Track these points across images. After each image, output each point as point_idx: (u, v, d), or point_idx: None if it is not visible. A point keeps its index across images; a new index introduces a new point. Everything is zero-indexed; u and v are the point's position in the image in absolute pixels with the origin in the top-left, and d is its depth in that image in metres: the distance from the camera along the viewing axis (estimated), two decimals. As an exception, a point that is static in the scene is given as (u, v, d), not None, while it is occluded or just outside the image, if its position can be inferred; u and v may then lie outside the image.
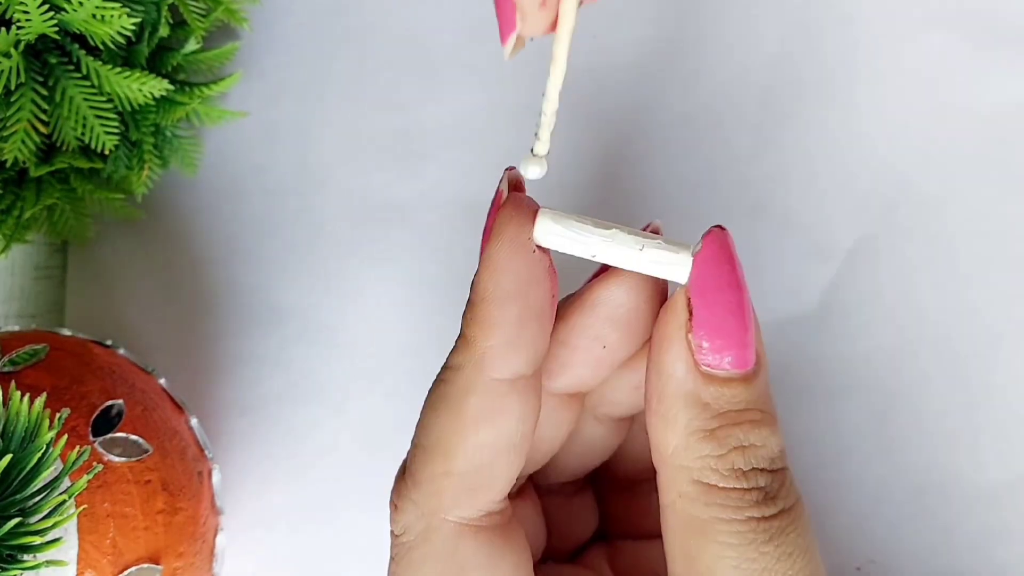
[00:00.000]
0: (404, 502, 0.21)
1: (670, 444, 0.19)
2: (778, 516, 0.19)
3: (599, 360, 0.22)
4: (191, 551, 0.26)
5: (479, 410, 0.20)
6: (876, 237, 0.31)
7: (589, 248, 0.20)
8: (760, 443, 0.19)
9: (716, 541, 0.19)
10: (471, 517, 0.20)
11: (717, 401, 0.19)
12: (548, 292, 0.20)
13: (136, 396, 0.27)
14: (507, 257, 0.20)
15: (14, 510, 0.21)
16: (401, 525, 0.21)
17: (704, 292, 0.19)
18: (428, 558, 0.20)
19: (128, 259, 0.34)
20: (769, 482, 0.19)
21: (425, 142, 0.33)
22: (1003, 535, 0.29)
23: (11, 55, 0.27)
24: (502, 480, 0.20)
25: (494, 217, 0.20)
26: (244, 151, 0.34)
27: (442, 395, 0.20)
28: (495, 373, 0.20)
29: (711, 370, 0.19)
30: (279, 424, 0.32)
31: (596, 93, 0.32)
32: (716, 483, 0.19)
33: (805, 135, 0.31)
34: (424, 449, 0.20)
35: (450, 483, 0.20)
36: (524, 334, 0.20)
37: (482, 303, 0.20)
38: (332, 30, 0.34)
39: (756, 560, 0.19)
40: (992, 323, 0.30)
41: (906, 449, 0.30)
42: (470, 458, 0.20)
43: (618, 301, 0.21)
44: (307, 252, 0.33)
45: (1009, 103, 0.30)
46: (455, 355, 0.20)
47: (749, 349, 0.19)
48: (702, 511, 0.19)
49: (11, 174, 0.30)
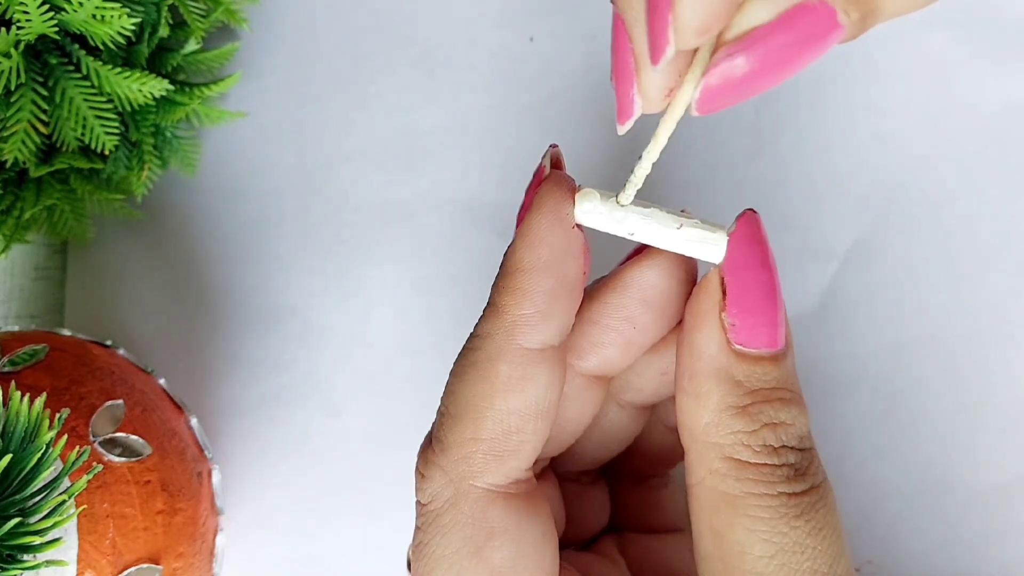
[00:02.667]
0: (431, 469, 0.21)
1: (701, 421, 0.20)
2: (808, 492, 0.19)
3: (629, 341, 0.22)
4: (191, 551, 0.26)
5: (508, 377, 0.20)
6: (875, 237, 0.31)
7: (627, 226, 0.20)
8: (790, 421, 0.20)
9: (747, 515, 0.19)
10: (499, 483, 0.21)
11: (749, 379, 0.20)
12: (581, 268, 0.21)
13: (136, 396, 0.27)
14: (546, 229, 0.20)
15: (14, 510, 0.21)
16: (428, 493, 0.21)
17: (738, 271, 0.20)
18: (456, 524, 0.20)
19: (128, 259, 0.34)
20: (799, 459, 0.19)
21: (425, 142, 0.33)
22: (1002, 535, 0.29)
23: (11, 55, 0.27)
24: (529, 447, 0.21)
25: (534, 192, 0.21)
26: (244, 151, 0.34)
27: (471, 362, 0.21)
28: (525, 342, 0.20)
29: (743, 348, 0.20)
30: (279, 424, 0.32)
31: (595, 94, 0.32)
32: (748, 459, 0.19)
33: (804, 136, 0.31)
34: (452, 416, 0.21)
35: (478, 449, 0.20)
36: (556, 306, 0.20)
37: (517, 273, 0.20)
38: (332, 30, 0.34)
39: (787, 534, 0.19)
40: (991, 323, 0.30)
41: (905, 449, 0.30)
42: (498, 423, 0.20)
43: (651, 283, 0.22)
44: (307, 252, 0.33)
45: (1009, 103, 0.30)
46: (484, 323, 0.21)
47: (780, 329, 0.20)
48: (733, 487, 0.19)
49: (11, 174, 0.30)
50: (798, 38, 0.16)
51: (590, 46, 0.32)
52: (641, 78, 0.18)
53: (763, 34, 0.16)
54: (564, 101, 0.32)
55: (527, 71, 0.33)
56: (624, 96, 0.19)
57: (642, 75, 0.18)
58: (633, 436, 0.25)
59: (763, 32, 0.16)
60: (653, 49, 0.16)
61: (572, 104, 0.32)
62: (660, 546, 0.25)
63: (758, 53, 0.16)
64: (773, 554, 0.19)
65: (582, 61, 0.32)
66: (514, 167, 0.32)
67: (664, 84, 0.18)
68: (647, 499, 0.26)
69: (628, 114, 0.19)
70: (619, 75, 0.18)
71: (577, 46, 0.32)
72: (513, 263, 0.20)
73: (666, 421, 0.25)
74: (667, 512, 0.26)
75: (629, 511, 0.26)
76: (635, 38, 0.17)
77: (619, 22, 0.18)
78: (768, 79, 0.17)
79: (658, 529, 0.26)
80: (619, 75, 0.18)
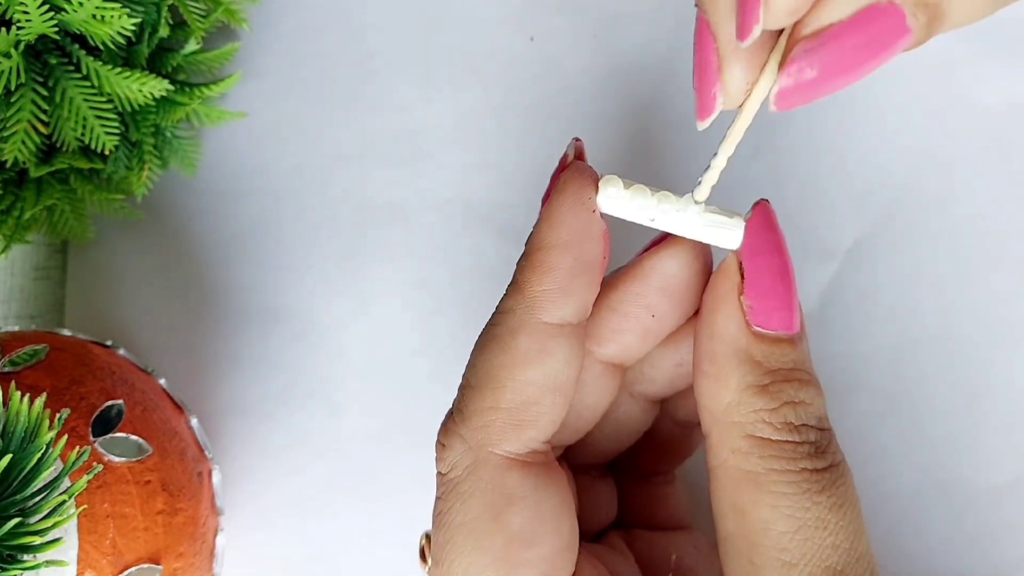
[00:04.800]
0: (452, 438, 0.21)
1: (723, 401, 0.20)
2: (828, 469, 0.20)
3: (647, 329, 0.23)
4: (191, 551, 0.26)
5: (528, 349, 0.21)
6: (875, 237, 0.31)
7: (648, 212, 0.21)
8: (809, 401, 0.20)
9: (770, 491, 0.20)
10: (517, 452, 0.21)
11: (768, 359, 0.20)
12: (600, 251, 0.21)
13: (136, 396, 0.27)
14: (567, 211, 0.21)
15: (14, 510, 0.21)
16: (448, 463, 0.21)
17: (755, 255, 0.21)
18: (476, 490, 0.21)
19: (128, 259, 0.34)
20: (819, 437, 0.20)
21: (425, 142, 0.33)
22: (1003, 535, 0.29)
23: (11, 55, 0.27)
24: (546, 419, 0.21)
25: (557, 178, 0.21)
26: (244, 151, 0.34)
27: (493, 336, 0.21)
28: (545, 316, 0.21)
29: (762, 330, 0.20)
30: (279, 424, 0.32)
31: (595, 94, 0.32)
32: (769, 436, 0.20)
33: (804, 135, 0.31)
34: (472, 387, 0.21)
35: (498, 417, 0.21)
36: (575, 283, 0.21)
37: (538, 251, 0.21)
38: (332, 30, 0.34)
39: (810, 509, 0.19)
40: (992, 323, 0.30)
41: (905, 449, 0.30)
42: (518, 393, 0.21)
43: (670, 271, 0.22)
44: (307, 252, 0.33)
45: (1011, 103, 0.30)
46: (506, 300, 0.21)
47: (795, 312, 0.21)
48: (756, 464, 0.20)
49: (11, 174, 0.30)
50: (869, 39, 0.17)
51: (591, 46, 0.32)
52: (724, 73, 0.19)
53: (835, 33, 0.17)
54: (564, 101, 0.32)
55: (527, 71, 0.33)
56: (706, 93, 0.20)
57: (725, 70, 0.19)
58: (643, 429, 0.26)
59: (835, 31, 0.17)
60: (742, 27, 0.18)
61: (572, 104, 0.32)
62: (665, 542, 0.26)
63: (830, 54, 0.18)
64: (796, 529, 0.19)
65: (582, 61, 0.32)
66: (514, 167, 0.32)
67: (745, 79, 0.19)
68: (653, 496, 0.27)
69: (709, 111, 0.20)
70: (701, 73, 0.20)
71: (577, 46, 0.32)
72: (535, 242, 0.21)
73: (675, 416, 0.26)
74: (673, 509, 0.27)
75: (635, 507, 0.27)
76: (720, 35, 0.19)
77: (702, 23, 0.19)
78: (838, 81, 0.18)
79: (663, 526, 0.26)
80: (701, 73, 0.20)
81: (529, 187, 0.22)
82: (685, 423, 0.26)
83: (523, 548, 0.20)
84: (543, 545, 0.21)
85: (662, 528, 0.26)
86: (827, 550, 0.19)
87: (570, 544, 0.21)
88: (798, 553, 0.19)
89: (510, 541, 0.20)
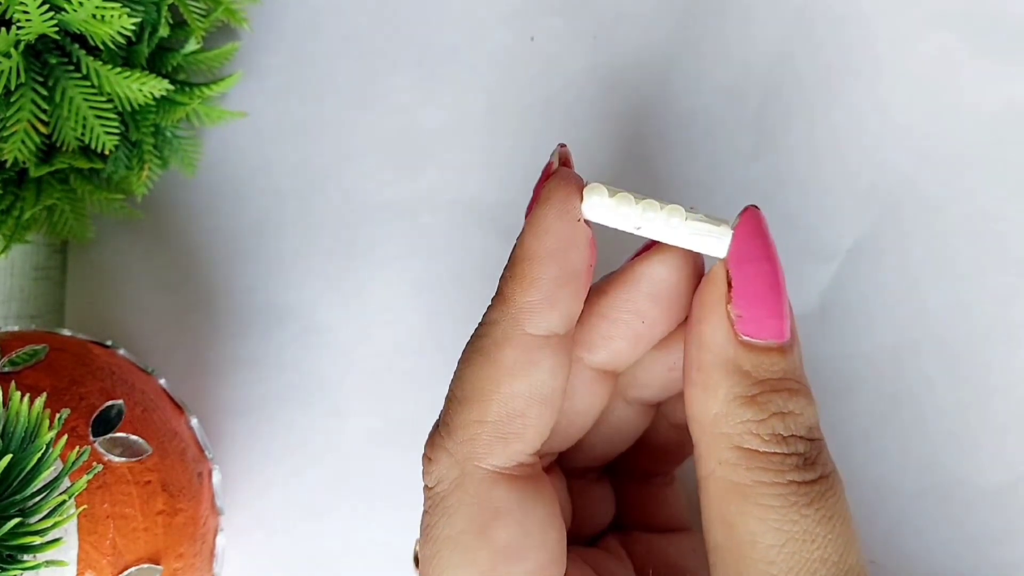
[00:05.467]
0: (438, 452, 0.21)
1: (711, 411, 0.20)
2: (818, 481, 0.20)
3: (638, 335, 0.23)
4: (191, 552, 0.26)
5: (513, 361, 0.20)
6: (876, 237, 0.31)
7: (634, 220, 0.21)
8: (799, 411, 0.20)
9: (758, 504, 0.19)
10: (504, 465, 0.21)
11: (756, 369, 0.20)
12: (586, 259, 0.21)
13: (136, 396, 0.27)
14: (552, 220, 0.21)
15: (14, 510, 0.21)
16: (435, 476, 0.21)
17: (743, 263, 0.20)
18: (462, 504, 0.21)
19: (128, 259, 0.34)
20: (808, 448, 0.20)
21: (425, 142, 0.33)
22: (1004, 535, 0.29)
23: (11, 55, 0.27)
24: (532, 431, 0.21)
25: (542, 186, 0.21)
26: (244, 151, 0.34)
27: (478, 348, 0.21)
28: (530, 328, 0.21)
29: (750, 339, 0.20)
30: (279, 424, 0.32)
31: (597, 94, 0.32)
32: (757, 447, 0.20)
33: (805, 135, 0.31)
34: (458, 400, 0.21)
35: (484, 430, 0.21)
36: (560, 293, 0.21)
37: (523, 262, 0.21)
38: (332, 30, 0.34)
39: (797, 522, 0.19)
40: (992, 323, 0.30)
41: (906, 449, 0.30)
42: (504, 406, 0.21)
43: (659, 277, 0.22)
44: (307, 252, 0.33)
45: (1011, 103, 0.30)
46: (491, 312, 0.21)
47: (785, 320, 0.20)
48: (743, 476, 0.20)
49: (11, 174, 0.30)
50: None
51: (591, 46, 0.32)
52: None
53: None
54: (565, 101, 0.32)
55: (527, 71, 0.33)
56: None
57: None
58: (639, 433, 0.26)
59: None
60: None
61: (573, 104, 0.32)
62: (664, 544, 0.25)
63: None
64: (784, 543, 0.19)
65: (583, 61, 0.32)
66: (515, 167, 0.32)
67: None
68: (651, 498, 0.27)
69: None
70: None
71: (578, 46, 0.32)
72: (520, 253, 0.21)
73: (671, 418, 0.25)
74: (671, 511, 0.27)
75: (634, 510, 0.27)
76: None
77: None
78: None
79: (662, 528, 0.26)
80: None
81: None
82: (681, 426, 0.26)
83: (509, 563, 0.20)
84: (529, 560, 0.20)
85: (661, 530, 0.26)
86: (815, 563, 0.19)
87: (557, 557, 0.21)
88: (785, 567, 0.19)
89: (496, 556, 0.20)
